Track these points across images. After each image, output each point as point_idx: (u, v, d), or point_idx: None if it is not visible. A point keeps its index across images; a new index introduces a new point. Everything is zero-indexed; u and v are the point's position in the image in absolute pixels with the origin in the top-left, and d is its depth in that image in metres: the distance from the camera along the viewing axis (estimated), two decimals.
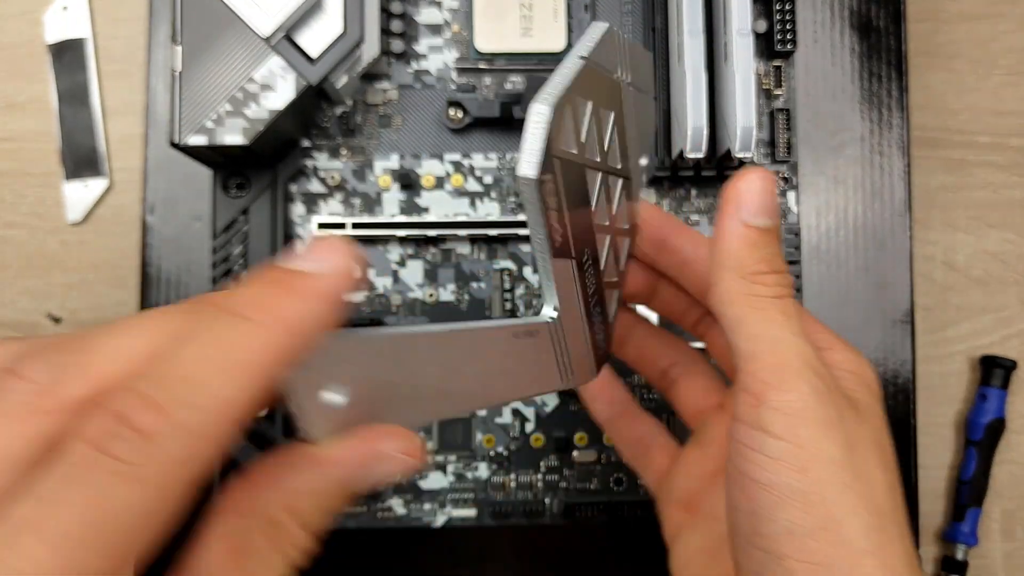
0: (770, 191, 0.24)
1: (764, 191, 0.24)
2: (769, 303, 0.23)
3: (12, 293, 0.43)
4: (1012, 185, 0.44)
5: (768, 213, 0.24)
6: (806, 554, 0.20)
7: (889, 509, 0.22)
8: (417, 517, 0.39)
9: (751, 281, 0.24)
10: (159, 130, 0.40)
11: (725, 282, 0.24)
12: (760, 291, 0.24)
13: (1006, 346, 0.44)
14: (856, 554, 0.20)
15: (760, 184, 0.24)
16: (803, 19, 0.41)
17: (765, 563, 0.21)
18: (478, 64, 0.40)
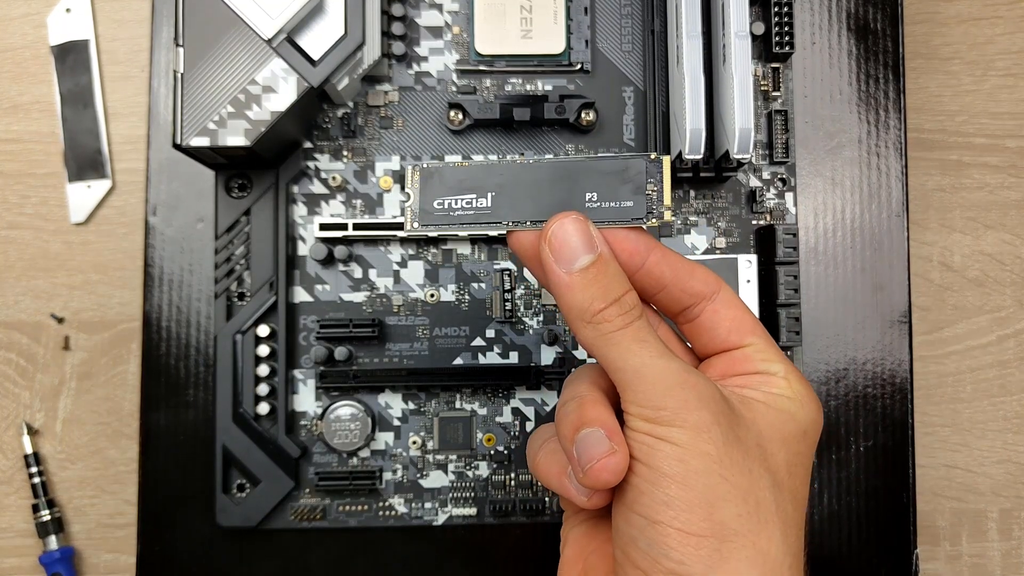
0: (577, 231, 0.25)
1: (570, 234, 0.25)
2: (620, 336, 0.25)
3: (16, 293, 0.43)
4: (1008, 186, 0.45)
5: (582, 252, 0.25)
6: (680, 523, 0.23)
7: (769, 502, 0.24)
8: (418, 515, 0.39)
9: (595, 323, 0.25)
10: (162, 132, 0.40)
11: (579, 333, 0.26)
12: (606, 328, 0.25)
13: (1002, 346, 0.44)
14: (727, 532, 0.23)
15: (563, 231, 0.25)
16: (801, 22, 0.41)
17: (642, 528, 0.24)
18: (478, 66, 0.40)
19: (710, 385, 0.25)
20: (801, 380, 0.27)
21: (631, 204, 0.26)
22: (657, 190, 0.26)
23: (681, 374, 0.24)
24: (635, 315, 0.25)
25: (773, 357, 0.27)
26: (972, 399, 0.44)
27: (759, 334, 0.27)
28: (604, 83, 0.40)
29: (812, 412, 0.27)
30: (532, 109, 0.39)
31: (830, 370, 0.40)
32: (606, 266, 0.25)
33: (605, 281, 0.25)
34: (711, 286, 0.27)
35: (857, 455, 0.40)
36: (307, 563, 0.39)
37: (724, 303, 0.27)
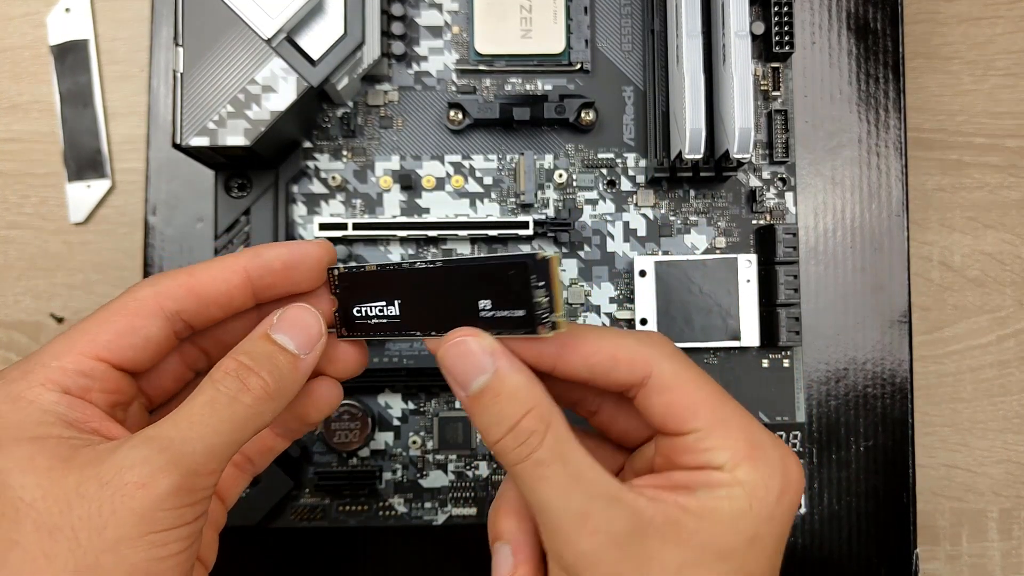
0: (465, 353, 0.23)
1: (459, 356, 0.23)
2: (519, 469, 0.23)
3: (15, 293, 0.43)
4: (1008, 186, 0.45)
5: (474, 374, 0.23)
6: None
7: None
8: (418, 515, 0.39)
9: (497, 453, 0.23)
10: (161, 131, 0.40)
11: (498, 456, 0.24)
12: (506, 461, 0.23)
13: (1002, 346, 0.44)
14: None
15: (452, 353, 0.23)
16: (801, 21, 0.41)
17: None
18: (478, 66, 0.40)
19: (616, 523, 0.22)
20: (756, 465, 0.23)
21: (522, 313, 0.23)
22: (548, 296, 0.22)
23: (580, 519, 0.22)
24: (534, 444, 0.23)
25: (716, 444, 0.23)
26: (972, 399, 0.44)
27: (701, 418, 0.24)
28: (604, 83, 0.40)
29: (767, 507, 0.23)
30: (532, 109, 0.39)
31: (830, 370, 0.40)
32: (500, 386, 0.23)
33: (499, 406, 0.23)
34: (638, 373, 0.24)
35: (857, 455, 0.40)
36: (307, 563, 0.39)
37: (654, 390, 0.24)
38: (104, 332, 0.24)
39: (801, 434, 0.39)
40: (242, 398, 0.23)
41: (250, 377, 0.23)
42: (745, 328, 0.38)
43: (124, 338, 0.24)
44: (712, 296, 0.39)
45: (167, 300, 0.24)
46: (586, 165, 0.40)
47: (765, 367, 0.40)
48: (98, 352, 0.23)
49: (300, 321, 0.25)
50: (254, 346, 0.24)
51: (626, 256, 0.40)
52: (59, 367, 0.23)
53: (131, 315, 0.24)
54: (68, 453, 0.21)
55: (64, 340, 0.24)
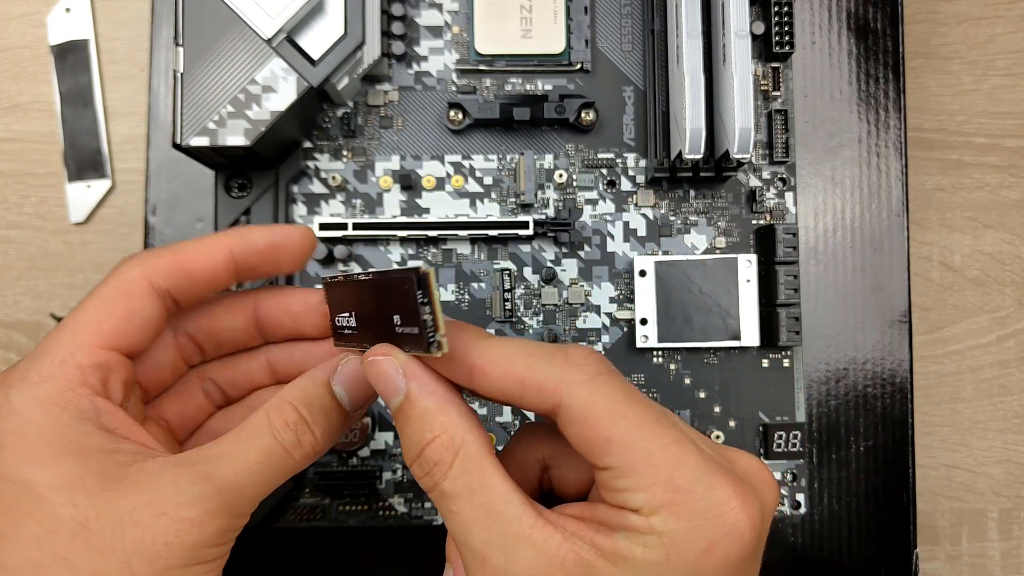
0: (379, 372, 0.23)
1: (375, 375, 0.23)
2: (433, 495, 0.22)
3: (15, 293, 0.43)
4: (1008, 186, 0.45)
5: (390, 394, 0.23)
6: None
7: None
8: (418, 515, 0.39)
9: (418, 477, 0.23)
10: (161, 131, 0.40)
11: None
12: (423, 486, 0.22)
13: (1002, 346, 0.44)
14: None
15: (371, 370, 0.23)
16: (801, 21, 0.41)
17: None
18: (478, 66, 0.40)
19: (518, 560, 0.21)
20: (678, 512, 0.20)
21: (416, 331, 0.21)
22: (431, 314, 0.21)
23: (481, 556, 0.21)
24: (438, 475, 0.22)
25: (635, 484, 0.21)
26: (972, 399, 0.44)
27: (618, 452, 0.21)
28: (604, 83, 0.40)
29: (686, 563, 0.20)
30: (532, 109, 0.39)
31: (830, 370, 0.40)
32: (410, 409, 0.22)
33: (408, 429, 0.22)
34: (548, 401, 0.22)
35: (857, 455, 0.40)
36: (307, 563, 0.39)
37: (568, 420, 0.22)
38: (107, 319, 0.24)
39: (801, 434, 0.39)
40: (294, 453, 0.23)
41: (306, 434, 0.24)
42: (745, 328, 0.38)
43: (126, 323, 0.24)
44: (712, 296, 0.39)
45: (157, 278, 0.24)
46: (586, 165, 0.40)
47: (765, 367, 0.40)
48: (107, 341, 0.23)
49: (361, 379, 0.24)
50: (313, 393, 0.24)
51: (626, 256, 0.40)
52: (77, 365, 0.23)
53: (127, 298, 0.24)
54: (116, 472, 0.22)
55: (69, 333, 0.23)
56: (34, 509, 0.21)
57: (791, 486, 0.39)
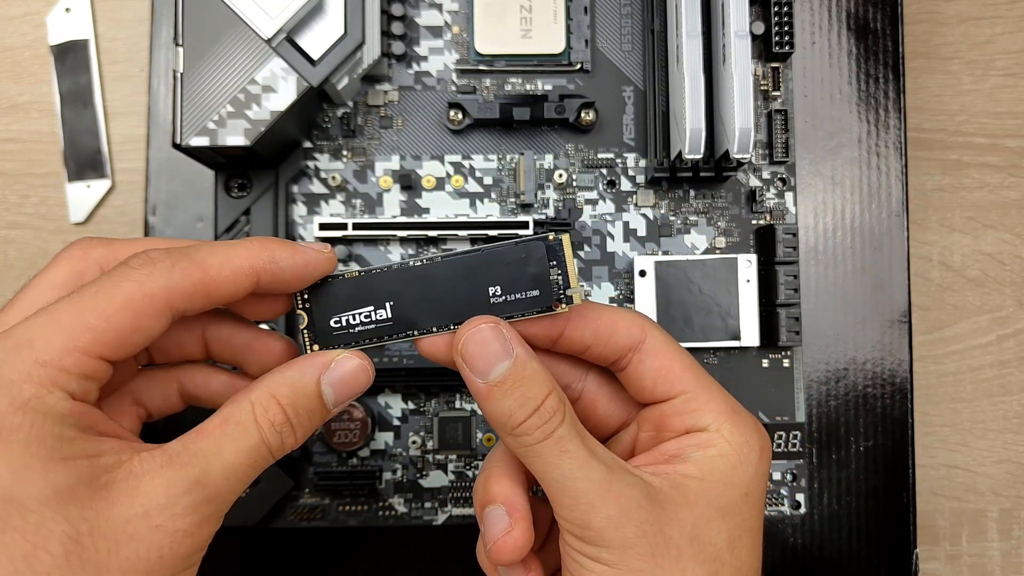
0: (489, 339, 0.24)
1: (481, 343, 0.24)
2: (540, 448, 0.24)
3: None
4: (1008, 186, 0.45)
5: (496, 360, 0.24)
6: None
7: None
8: (418, 515, 0.39)
9: (518, 435, 0.24)
10: (161, 131, 0.40)
11: (503, 441, 0.25)
12: (527, 441, 0.24)
13: (1002, 346, 0.44)
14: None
15: (474, 340, 0.24)
16: (801, 21, 0.41)
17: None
18: (478, 66, 0.40)
19: (635, 490, 0.24)
20: (737, 425, 0.25)
21: (537, 293, 0.24)
22: (562, 273, 0.24)
23: (604, 486, 0.23)
24: (556, 422, 0.24)
25: (702, 406, 0.25)
26: (972, 399, 0.44)
27: (688, 381, 0.26)
28: (604, 83, 0.40)
29: (753, 464, 0.25)
30: (532, 109, 0.39)
31: (830, 370, 0.40)
32: (523, 370, 0.24)
33: (522, 389, 0.24)
34: (635, 337, 0.26)
35: (857, 455, 0.40)
36: (307, 563, 0.39)
37: (649, 353, 0.26)
38: (110, 331, 0.22)
39: (801, 434, 0.39)
40: (275, 453, 0.24)
41: (290, 437, 0.24)
42: (745, 328, 0.38)
43: (130, 337, 0.22)
44: (712, 296, 0.39)
45: (179, 300, 0.23)
46: (586, 165, 0.40)
47: (765, 367, 0.40)
48: (102, 351, 0.22)
49: (353, 382, 0.25)
50: (302, 392, 0.24)
51: (626, 256, 0.40)
52: (61, 368, 0.21)
53: (139, 315, 0.22)
54: (105, 478, 0.21)
55: (60, 330, 0.21)
56: (22, 524, 0.20)
57: (791, 486, 0.39)
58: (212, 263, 0.24)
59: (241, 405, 0.23)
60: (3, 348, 0.21)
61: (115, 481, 0.21)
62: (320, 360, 0.25)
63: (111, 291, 0.22)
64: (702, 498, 0.24)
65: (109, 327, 0.22)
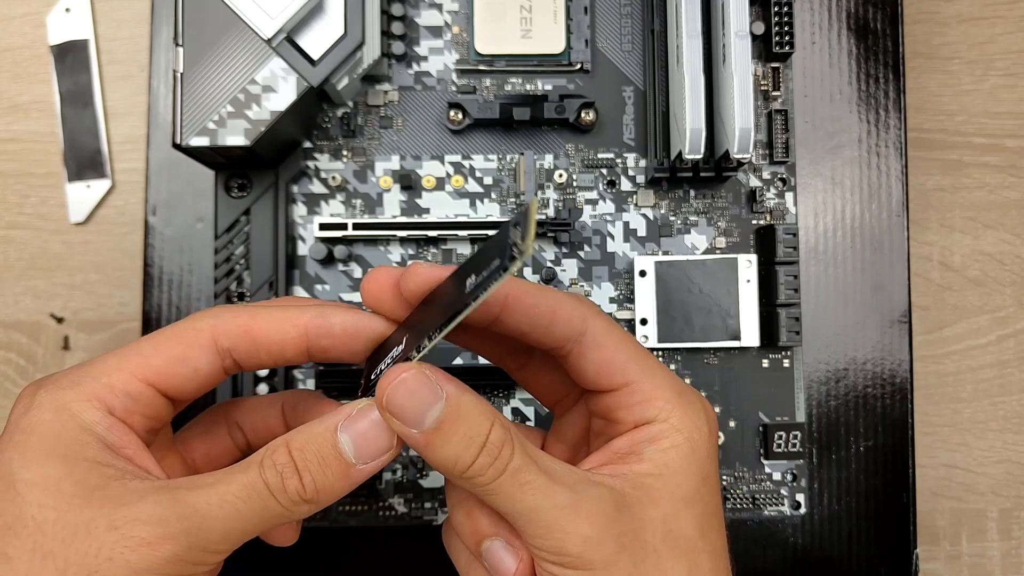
0: (413, 386, 0.22)
1: (406, 393, 0.22)
2: (496, 486, 0.23)
3: (15, 293, 0.43)
4: (1008, 186, 0.45)
5: (426, 407, 0.22)
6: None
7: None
8: (418, 515, 0.39)
9: (470, 478, 0.23)
10: (161, 131, 0.40)
11: (462, 487, 0.24)
12: (482, 481, 0.23)
13: (1002, 346, 0.44)
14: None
15: (398, 393, 0.22)
16: (801, 21, 0.41)
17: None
18: (478, 66, 0.40)
19: (602, 503, 0.23)
20: (685, 411, 0.25)
21: (498, 262, 0.22)
22: (522, 229, 0.21)
23: (572, 509, 0.23)
24: (507, 456, 0.23)
25: (648, 395, 0.25)
26: (972, 399, 0.44)
27: (631, 372, 0.25)
28: (604, 83, 0.40)
29: (704, 447, 0.25)
30: (532, 109, 0.39)
31: (830, 370, 0.40)
32: (458, 409, 0.22)
33: (462, 429, 0.22)
34: (575, 328, 0.25)
35: (857, 455, 0.40)
36: (307, 563, 0.39)
37: (590, 345, 0.25)
38: (157, 357, 0.24)
39: (801, 434, 0.39)
40: (279, 497, 0.23)
41: (292, 478, 0.23)
42: (745, 328, 0.38)
43: (175, 366, 0.24)
44: (712, 296, 0.39)
45: (223, 336, 0.24)
46: (586, 165, 0.40)
47: (765, 367, 0.40)
48: (148, 376, 0.24)
49: (372, 430, 0.23)
50: (312, 439, 0.23)
51: (626, 256, 0.40)
52: (108, 384, 0.23)
53: (185, 344, 0.24)
54: (97, 482, 0.22)
55: (117, 357, 0.24)
56: (6, 504, 0.21)
57: (791, 486, 0.39)
58: (261, 311, 0.25)
59: (255, 453, 0.23)
60: (73, 367, 0.24)
61: (105, 487, 0.22)
62: (344, 410, 0.24)
63: (166, 328, 0.25)
64: (665, 494, 0.24)
65: (156, 352, 0.24)
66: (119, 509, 0.21)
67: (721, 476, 0.39)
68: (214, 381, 0.25)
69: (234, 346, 0.25)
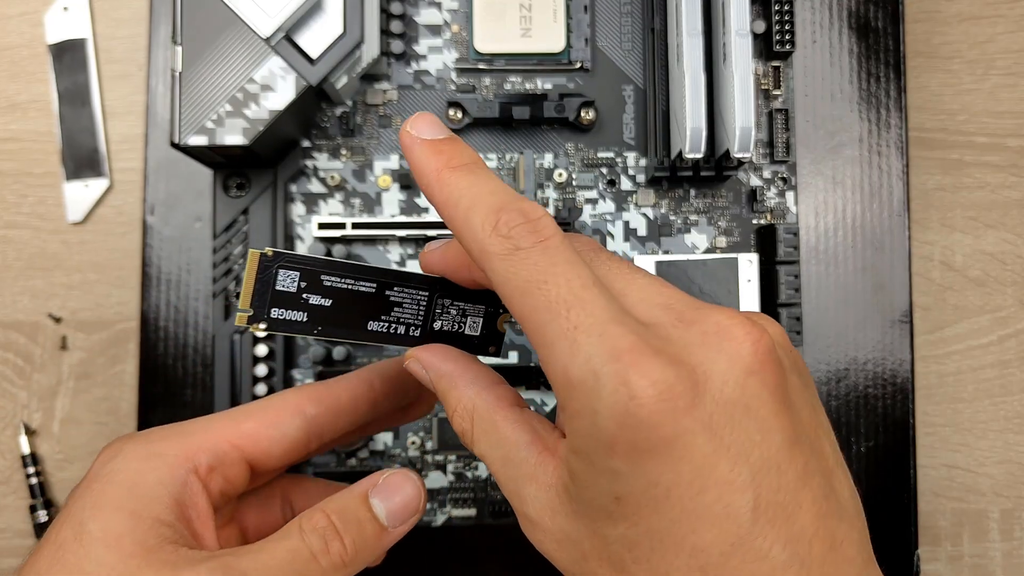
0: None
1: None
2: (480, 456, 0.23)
3: (13, 293, 0.43)
4: (1009, 185, 0.45)
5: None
6: None
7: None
8: None
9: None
10: (159, 130, 0.40)
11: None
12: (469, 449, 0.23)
13: (1003, 346, 0.44)
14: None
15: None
16: (802, 20, 0.41)
17: None
18: (478, 65, 0.40)
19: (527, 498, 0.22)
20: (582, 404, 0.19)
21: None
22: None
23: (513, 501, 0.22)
24: (468, 438, 0.23)
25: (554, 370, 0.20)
26: (973, 399, 0.44)
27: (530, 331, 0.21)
28: (604, 81, 0.40)
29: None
30: (532, 108, 0.39)
31: (831, 370, 0.40)
32: (436, 392, 0.24)
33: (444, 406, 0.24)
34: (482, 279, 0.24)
35: (858, 455, 0.40)
36: None
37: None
38: (248, 421, 0.25)
39: None
40: (321, 560, 0.23)
41: (334, 541, 0.23)
42: None
43: (264, 430, 0.25)
44: (712, 296, 0.38)
45: (307, 402, 0.25)
46: (586, 164, 0.40)
47: None
48: (238, 439, 0.25)
49: (402, 492, 0.25)
50: (348, 504, 0.24)
51: (626, 256, 0.40)
52: (197, 442, 0.24)
53: (274, 410, 0.25)
54: (154, 543, 0.22)
55: (208, 419, 0.25)
56: (70, 555, 0.22)
57: None
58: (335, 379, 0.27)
59: (292, 521, 0.24)
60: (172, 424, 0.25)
61: (160, 550, 0.22)
62: (372, 478, 0.25)
63: (257, 400, 0.26)
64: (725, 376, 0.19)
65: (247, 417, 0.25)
66: (172, 573, 0.22)
67: None
68: (300, 452, 0.26)
69: (318, 412, 0.26)
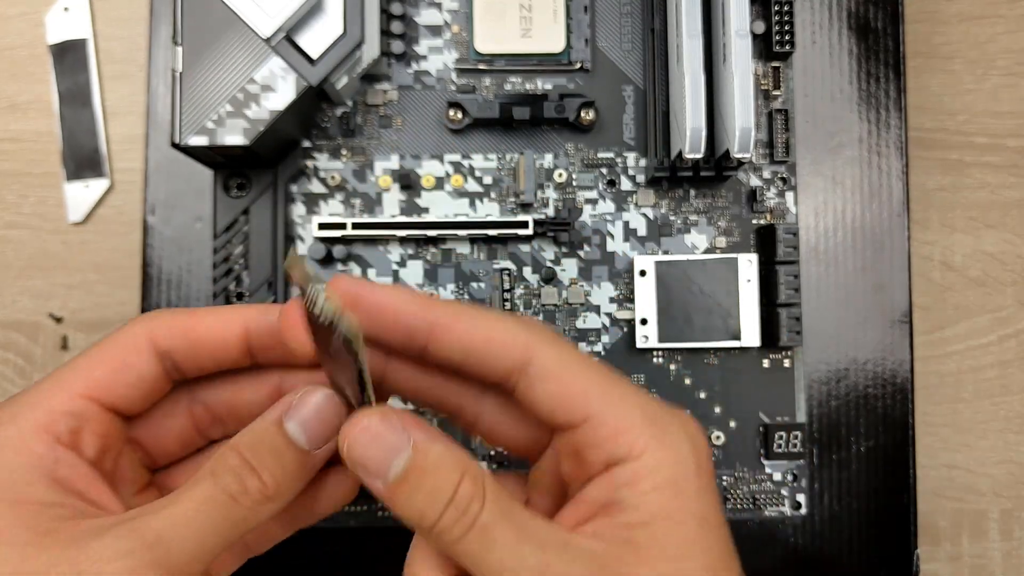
0: (379, 432, 0.21)
1: (371, 441, 0.21)
2: (464, 545, 0.21)
3: (13, 293, 0.43)
4: (1009, 185, 0.45)
5: (392, 457, 0.21)
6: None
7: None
8: None
9: (437, 534, 0.21)
10: (160, 131, 0.40)
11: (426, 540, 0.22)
12: (448, 538, 0.21)
13: (1003, 346, 0.44)
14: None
15: (361, 440, 0.21)
16: (801, 20, 0.41)
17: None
18: (478, 65, 0.40)
19: (577, 562, 0.20)
20: (661, 440, 0.21)
21: None
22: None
23: (541, 568, 0.20)
24: (475, 510, 0.20)
25: (614, 430, 0.21)
26: (973, 399, 0.44)
27: (592, 404, 0.21)
28: (604, 82, 0.40)
29: (692, 480, 0.21)
30: (532, 108, 0.39)
31: (830, 370, 0.40)
32: (425, 460, 0.21)
33: (429, 482, 0.21)
34: (516, 359, 0.22)
35: (858, 455, 0.40)
36: (307, 563, 0.39)
37: (538, 376, 0.22)
38: (96, 369, 0.22)
39: (801, 434, 0.39)
40: (241, 500, 0.21)
41: (251, 479, 0.21)
42: (745, 328, 0.38)
43: (116, 375, 0.23)
44: (712, 296, 0.38)
45: (161, 338, 0.23)
46: (586, 164, 0.40)
47: (765, 367, 0.39)
48: (89, 391, 0.22)
49: (318, 411, 0.22)
50: (262, 436, 0.22)
51: (626, 256, 0.40)
52: (48, 409, 0.22)
53: (122, 351, 0.23)
54: (48, 526, 0.20)
55: (54, 378, 0.22)
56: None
57: (791, 487, 0.39)
58: (200, 311, 0.23)
59: (204, 466, 0.22)
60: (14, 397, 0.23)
61: (58, 531, 0.20)
62: (284, 401, 0.23)
63: (99, 341, 0.23)
64: (655, 551, 0.20)
65: (94, 365, 0.22)
66: (81, 551, 0.20)
67: (721, 477, 0.39)
68: (159, 390, 0.24)
69: (173, 348, 0.23)
